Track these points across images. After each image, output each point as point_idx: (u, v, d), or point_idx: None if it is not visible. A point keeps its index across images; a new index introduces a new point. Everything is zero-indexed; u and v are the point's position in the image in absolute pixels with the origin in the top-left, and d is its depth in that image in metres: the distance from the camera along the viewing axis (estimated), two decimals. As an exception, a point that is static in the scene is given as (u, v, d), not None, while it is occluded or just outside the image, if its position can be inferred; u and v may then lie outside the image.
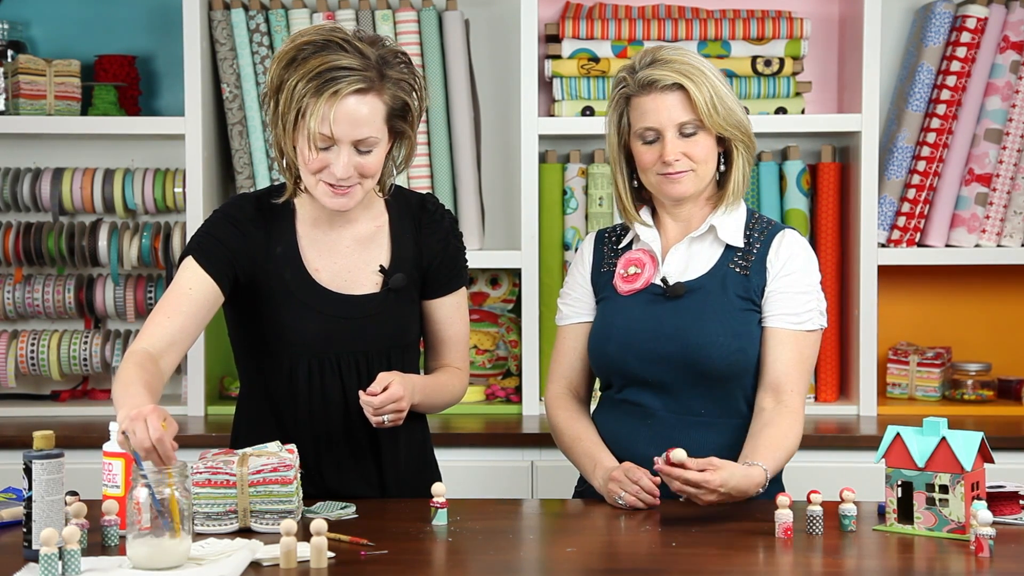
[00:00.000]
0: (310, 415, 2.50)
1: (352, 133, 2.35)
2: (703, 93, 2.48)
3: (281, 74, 2.37)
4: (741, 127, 2.53)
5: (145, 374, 2.25)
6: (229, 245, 2.45)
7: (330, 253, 2.50)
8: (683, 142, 2.50)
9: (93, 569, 2.01)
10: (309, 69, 2.34)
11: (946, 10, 3.62)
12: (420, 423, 2.63)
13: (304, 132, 2.35)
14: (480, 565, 2.10)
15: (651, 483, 2.40)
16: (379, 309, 2.50)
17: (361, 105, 2.35)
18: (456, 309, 2.61)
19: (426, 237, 2.55)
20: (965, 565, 2.07)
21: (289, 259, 2.48)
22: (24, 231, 3.69)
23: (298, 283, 2.48)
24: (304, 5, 3.69)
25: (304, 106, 2.34)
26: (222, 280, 2.43)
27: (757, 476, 2.34)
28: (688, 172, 2.51)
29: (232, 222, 2.47)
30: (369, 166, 2.39)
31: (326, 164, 2.37)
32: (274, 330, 2.49)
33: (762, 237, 2.55)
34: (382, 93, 2.37)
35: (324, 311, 2.48)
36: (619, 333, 2.54)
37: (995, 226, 3.63)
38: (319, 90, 2.32)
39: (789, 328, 2.50)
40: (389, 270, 2.51)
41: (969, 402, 3.66)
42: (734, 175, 2.55)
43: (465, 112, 3.66)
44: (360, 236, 2.52)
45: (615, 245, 2.64)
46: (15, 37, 3.78)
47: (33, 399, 3.77)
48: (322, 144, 2.35)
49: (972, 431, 2.23)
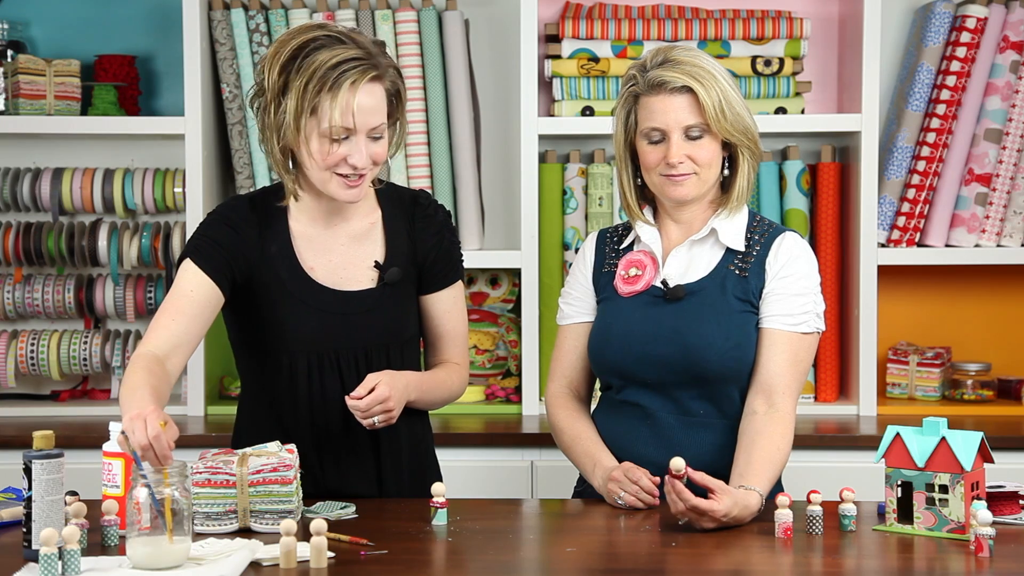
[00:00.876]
0: (310, 412, 2.50)
1: (368, 121, 2.38)
2: (712, 97, 2.47)
3: (282, 77, 2.36)
4: (748, 133, 2.52)
5: (152, 378, 2.25)
6: (225, 246, 2.45)
7: (324, 251, 2.51)
8: (688, 145, 2.49)
9: (93, 569, 2.01)
10: (319, 65, 2.34)
11: (946, 10, 3.62)
12: (421, 421, 2.63)
13: (318, 129, 2.36)
14: (480, 565, 2.10)
15: (650, 483, 2.40)
16: (375, 305, 2.51)
17: (371, 93, 2.38)
18: (453, 303, 2.61)
19: (420, 232, 2.56)
20: (965, 565, 2.07)
21: (284, 258, 2.48)
22: (24, 231, 3.69)
23: (294, 281, 2.48)
24: (304, 5, 3.69)
25: (318, 103, 2.34)
26: (221, 281, 2.44)
27: (754, 505, 2.31)
28: (691, 175, 2.50)
29: (227, 223, 2.48)
30: (380, 154, 2.42)
31: (343, 157, 2.38)
32: (272, 329, 2.49)
33: (763, 240, 2.55)
34: (383, 80, 2.41)
35: (321, 308, 2.48)
36: (618, 335, 2.53)
37: (995, 226, 3.63)
38: (336, 83, 2.34)
39: (784, 329, 2.50)
40: (384, 265, 2.51)
41: (969, 402, 3.66)
42: (739, 181, 2.54)
43: (465, 112, 3.66)
44: (354, 233, 2.52)
45: (616, 245, 2.64)
46: (15, 37, 3.78)
47: (33, 399, 3.77)
48: (339, 135, 2.37)
49: (972, 431, 2.23)
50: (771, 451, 2.41)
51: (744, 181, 2.55)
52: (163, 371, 2.30)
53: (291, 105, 2.35)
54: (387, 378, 2.39)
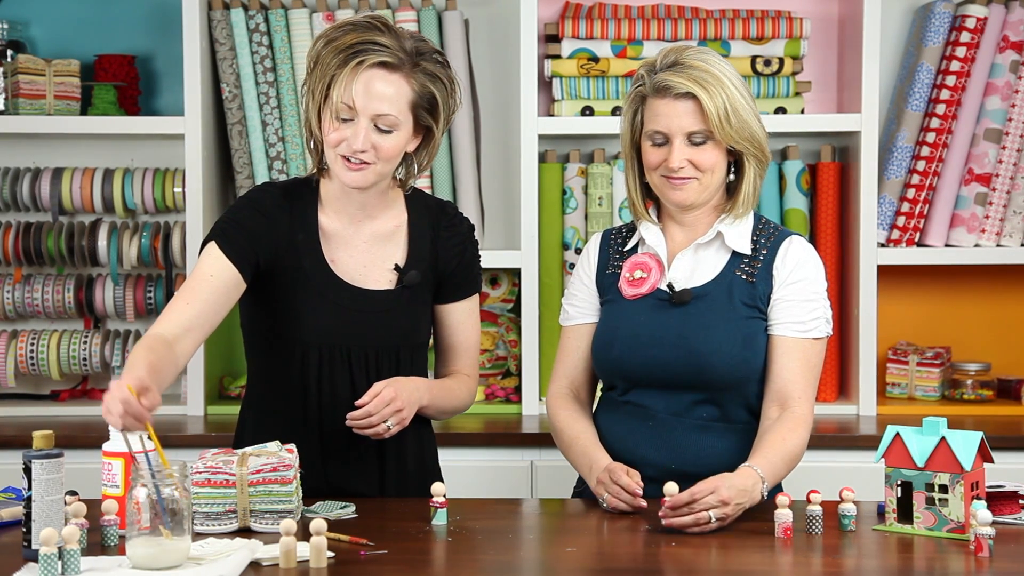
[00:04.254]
0: (319, 408, 2.50)
1: (372, 107, 2.39)
2: (716, 104, 2.45)
3: (319, 50, 2.43)
4: (754, 140, 2.50)
5: (152, 355, 2.21)
6: (253, 231, 2.46)
7: (348, 246, 2.52)
8: (691, 149, 2.48)
9: (93, 569, 2.01)
10: (343, 43, 2.40)
11: (946, 10, 3.62)
12: (426, 429, 2.63)
13: (329, 104, 2.39)
14: (480, 565, 2.10)
15: (630, 481, 2.36)
16: (392, 306, 2.52)
17: (386, 81, 2.40)
18: (468, 315, 2.63)
19: (444, 241, 2.57)
20: (965, 565, 2.07)
21: (309, 247, 2.50)
22: (24, 231, 3.69)
23: (316, 272, 2.49)
24: (304, 5, 3.69)
25: (332, 76, 2.39)
26: (244, 266, 2.44)
27: (747, 482, 2.30)
28: (692, 180, 2.49)
29: (257, 207, 2.49)
30: (386, 147, 2.41)
31: (345, 137, 2.40)
32: (287, 317, 2.49)
33: (769, 243, 2.53)
34: (410, 78, 2.42)
35: (339, 302, 2.49)
36: (624, 337, 2.52)
37: (995, 226, 3.63)
38: (346, 60, 2.38)
39: (795, 336, 2.49)
40: (404, 268, 2.52)
41: (969, 402, 3.66)
42: (744, 187, 2.53)
43: (465, 112, 3.66)
44: (379, 233, 2.54)
45: (621, 247, 2.62)
46: (15, 37, 3.78)
47: (33, 399, 3.77)
48: (345, 115, 2.39)
49: (972, 431, 2.23)
50: (776, 441, 2.40)
51: (750, 187, 2.53)
52: (168, 351, 2.26)
53: (315, 76, 2.41)
54: (391, 383, 2.42)
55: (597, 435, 2.55)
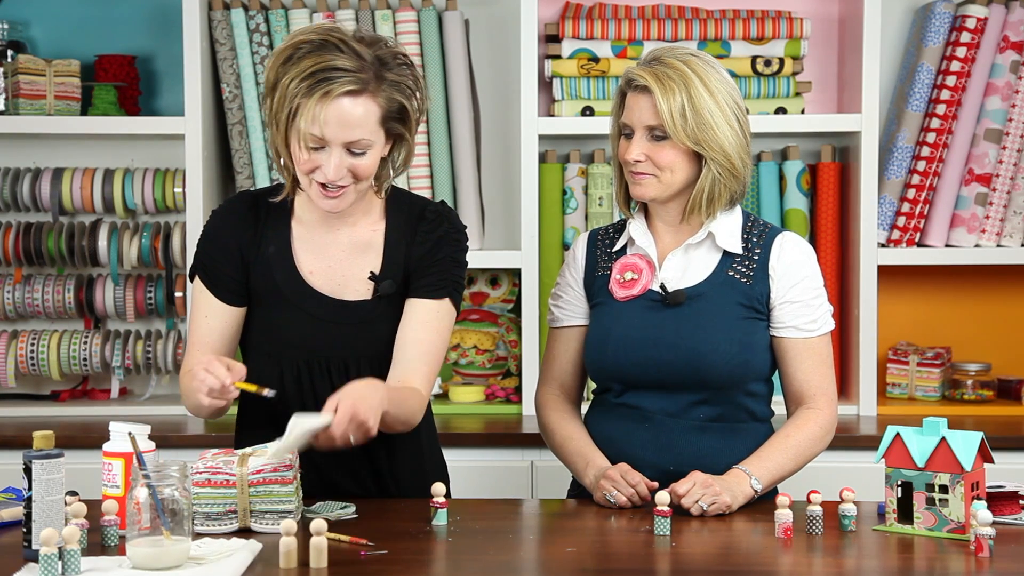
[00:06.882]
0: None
1: (343, 135, 2.33)
2: (670, 102, 2.42)
3: (277, 72, 2.35)
4: (716, 146, 2.44)
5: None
6: (226, 258, 2.47)
7: (323, 256, 2.48)
8: (650, 145, 2.47)
9: (93, 569, 2.01)
10: (303, 68, 2.31)
11: (946, 10, 3.62)
12: (426, 429, 2.57)
13: (296, 132, 2.33)
14: (480, 565, 2.10)
15: (647, 490, 2.39)
16: (369, 316, 2.47)
17: (354, 107, 2.32)
18: (434, 316, 2.46)
19: (418, 245, 2.48)
20: (965, 565, 2.07)
21: (281, 260, 2.47)
22: (24, 231, 3.69)
23: (289, 285, 2.47)
24: (304, 5, 3.69)
25: (296, 105, 2.31)
26: (232, 298, 2.47)
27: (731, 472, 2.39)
28: (650, 176, 2.48)
29: (225, 227, 2.49)
30: (362, 168, 2.36)
31: (317, 165, 2.35)
32: (264, 331, 2.49)
33: (760, 242, 2.53)
34: (377, 95, 2.34)
35: (315, 314, 2.47)
36: (618, 339, 2.51)
37: (995, 226, 3.63)
38: (311, 90, 2.30)
39: (805, 337, 2.51)
40: (379, 277, 2.48)
41: (969, 402, 3.66)
42: (694, 191, 2.48)
43: (465, 112, 3.66)
44: (356, 241, 2.49)
45: (608, 248, 2.61)
46: (15, 37, 3.78)
47: (33, 399, 3.77)
48: (313, 145, 2.33)
49: (972, 431, 2.23)
50: (778, 439, 2.47)
51: (701, 193, 2.47)
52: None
53: (276, 103, 2.34)
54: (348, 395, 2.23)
55: (589, 436, 2.55)
